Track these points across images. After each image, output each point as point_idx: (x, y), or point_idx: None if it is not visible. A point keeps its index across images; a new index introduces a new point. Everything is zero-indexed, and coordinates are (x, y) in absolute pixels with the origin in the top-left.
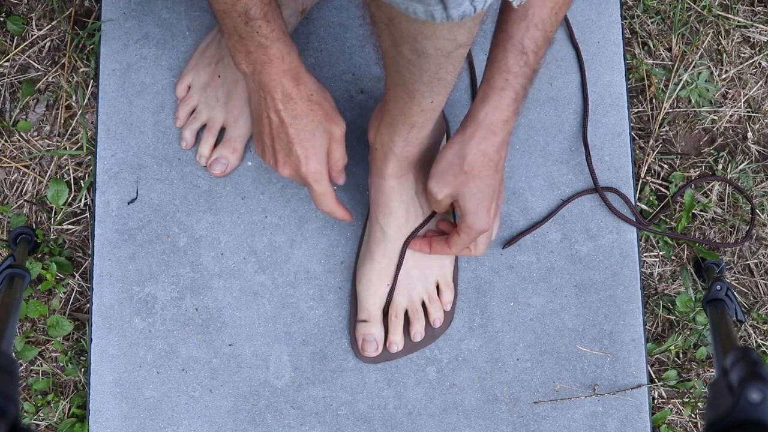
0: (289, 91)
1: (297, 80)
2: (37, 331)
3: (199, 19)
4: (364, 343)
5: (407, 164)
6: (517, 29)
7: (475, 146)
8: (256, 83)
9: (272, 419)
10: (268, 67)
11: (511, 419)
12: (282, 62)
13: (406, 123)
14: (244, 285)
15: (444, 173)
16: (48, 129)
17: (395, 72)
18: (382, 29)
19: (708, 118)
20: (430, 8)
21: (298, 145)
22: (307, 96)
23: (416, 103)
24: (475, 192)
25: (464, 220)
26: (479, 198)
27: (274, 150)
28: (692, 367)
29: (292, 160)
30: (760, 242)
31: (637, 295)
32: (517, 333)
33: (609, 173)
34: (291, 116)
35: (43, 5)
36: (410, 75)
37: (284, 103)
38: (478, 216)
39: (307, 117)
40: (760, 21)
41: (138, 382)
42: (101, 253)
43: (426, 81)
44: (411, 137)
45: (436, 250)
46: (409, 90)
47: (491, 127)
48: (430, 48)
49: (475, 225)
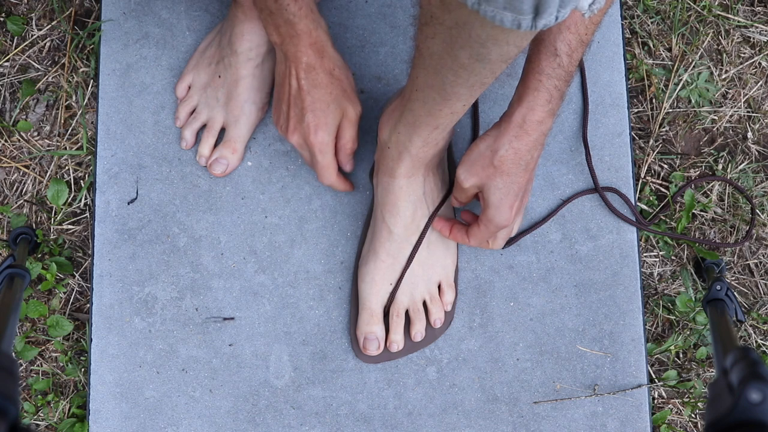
0: (312, 62)
1: (321, 53)
2: (37, 331)
3: (199, 19)
4: (366, 341)
5: (420, 164)
6: (550, 32)
7: (507, 143)
8: (283, 52)
9: (272, 419)
10: (296, 40)
11: (511, 419)
12: (309, 36)
13: (430, 124)
14: (244, 285)
15: (474, 163)
16: (48, 129)
17: (434, 74)
18: (440, 32)
19: (708, 118)
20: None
21: (311, 113)
22: (329, 69)
23: (449, 105)
24: (500, 187)
25: (485, 213)
26: (503, 193)
27: (287, 116)
28: (692, 367)
29: (302, 127)
30: (760, 242)
31: (637, 295)
32: (517, 333)
33: (609, 173)
34: (310, 84)
35: (43, 5)
36: (455, 78)
37: (306, 72)
38: (500, 211)
39: (325, 88)
40: (760, 21)
41: (138, 382)
42: (101, 253)
43: (471, 85)
44: (431, 138)
45: (455, 237)
46: (447, 93)
47: (524, 127)
48: (495, 54)
49: (495, 219)
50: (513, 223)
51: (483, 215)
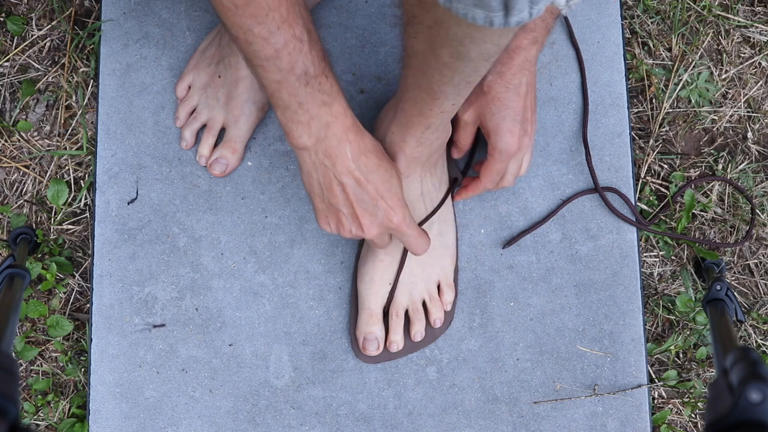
0: (357, 146)
1: (360, 133)
2: (37, 331)
3: (199, 19)
4: (366, 341)
5: (415, 164)
6: None
7: (492, 69)
8: (320, 153)
9: (272, 419)
10: (334, 127)
11: (511, 419)
12: (346, 117)
13: (422, 124)
14: (244, 285)
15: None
16: (48, 129)
17: (422, 74)
18: (421, 31)
19: (708, 118)
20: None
21: (381, 200)
22: (373, 147)
23: (438, 104)
24: (494, 112)
25: (490, 143)
26: (499, 118)
27: (355, 215)
28: (692, 367)
29: (379, 216)
30: (760, 242)
31: (637, 295)
32: (517, 333)
33: (609, 173)
34: (365, 172)
35: (43, 5)
36: (440, 77)
37: (355, 161)
38: (500, 136)
39: (379, 169)
40: (760, 21)
41: (138, 382)
42: (101, 253)
43: (456, 83)
44: (424, 138)
45: (472, 190)
46: (434, 92)
47: (507, 52)
48: (474, 52)
49: (498, 144)
50: (521, 156)
51: (489, 146)
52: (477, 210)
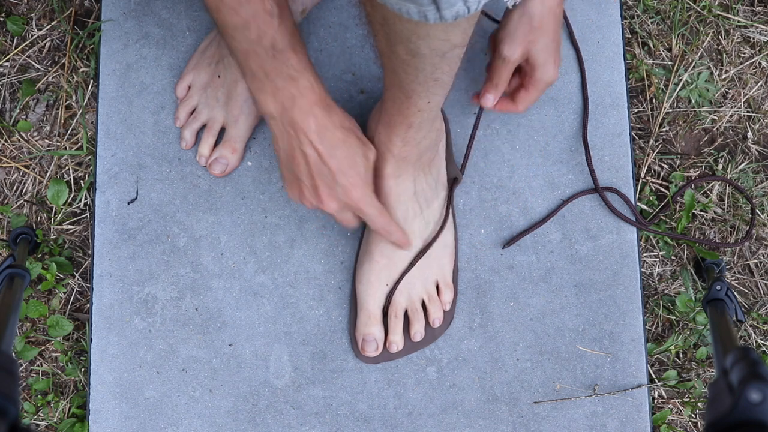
0: (323, 121)
1: (328, 109)
2: (37, 331)
3: (199, 19)
4: (364, 343)
5: (405, 164)
6: None
7: (540, 3)
8: (285, 122)
9: (272, 419)
10: (300, 100)
11: (511, 419)
12: (312, 92)
13: (403, 123)
14: (244, 285)
15: (514, 34)
16: (48, 129)
17: (391, 72)
18: (378, 29)
19: (708, 118)
20: (422, 8)
21: (341, 175)
22: (340, 123)
23: (413, 103)
24: (544, 47)
25: (534, 75)
26: (548, 52)
27: (314, 187)
28: (692, 367)
29: (337, 191)
30: (760, 242)
31: (637, 295)
32: (517, 333)
33: (609, 173)
34: (328, 147)
35: (43, 5)
36: (406, 75)
37: (319, 134)
38: (547, 68)
39: (344, 145)
40: (760, 21)
41: (138, 382)
42: (101, 253)
43: (422, 81)
44: (409, 137)
45: (503, 107)
46: (406, 90)
47: None
48: (425, 48)
49: (544, 77)
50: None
51: (530, 79)
52: (477, 210)
